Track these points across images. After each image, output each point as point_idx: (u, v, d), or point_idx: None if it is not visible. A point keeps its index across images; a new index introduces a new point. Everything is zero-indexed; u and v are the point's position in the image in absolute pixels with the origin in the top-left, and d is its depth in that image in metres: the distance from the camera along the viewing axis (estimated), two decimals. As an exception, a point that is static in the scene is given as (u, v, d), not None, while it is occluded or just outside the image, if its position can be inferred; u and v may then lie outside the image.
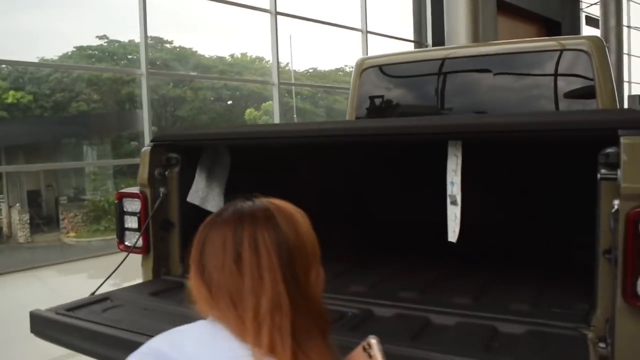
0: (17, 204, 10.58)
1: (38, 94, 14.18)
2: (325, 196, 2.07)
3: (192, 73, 14.76)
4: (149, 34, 14.72)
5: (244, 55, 15.74)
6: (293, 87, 12.62)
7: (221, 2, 7.40)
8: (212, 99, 15.08)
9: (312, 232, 0.99)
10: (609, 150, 1.30)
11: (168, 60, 14.71)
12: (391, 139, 1.66)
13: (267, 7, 7.43)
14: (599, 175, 1.30)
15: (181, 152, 2.08)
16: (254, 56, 15.26)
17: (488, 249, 2.10)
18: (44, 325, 1.63)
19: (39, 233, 10.39)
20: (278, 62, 7.60)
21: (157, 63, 15.02)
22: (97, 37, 15.00)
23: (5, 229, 10.26)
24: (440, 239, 1.64)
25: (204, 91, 14.47)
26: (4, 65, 14.52)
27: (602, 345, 1.31)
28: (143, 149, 2.08)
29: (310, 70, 14.93)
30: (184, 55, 14.70)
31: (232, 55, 16.05)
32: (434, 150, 1.66)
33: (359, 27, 9.03)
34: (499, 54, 2.88)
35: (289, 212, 0.99)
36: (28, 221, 10.38)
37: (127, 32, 15.43)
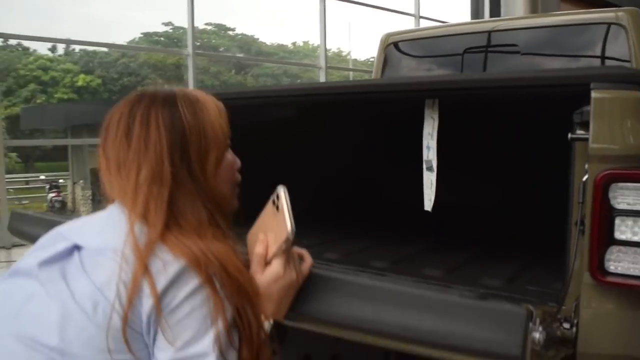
0: (81, 181, 11.10)
1: (106, 78, 14.83)
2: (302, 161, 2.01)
3: (238, 55, 14.88)
4: (212, 21, 15.05)
5: (305, 43, 15.81)
6: (351, 73, 12.51)
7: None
8: (275, 82, 15.26)
9: (219, 121, 0.99)
10: (585, 108, 1.16)
11: (230, 46, 15.01)
12: (364, 97, 1.58)
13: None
14: (569, 136, 1.16)
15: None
16: (315, 44, 15.28)
17: (478, 226, 1.96)
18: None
19: (99, 209, 10.85)
20: (325, 46, 7.55)
21: (220, 49, 15.34)
22: (163, 23, 15.42)
23: (69, 204, 10.79)
24: (427, 215, 1.53)
25: (264, 78, 14.65)
26: (76, 50, 15.27)
27: (566, 325, 1.18)
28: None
29: (372, 60, 14.81)
30: (246, 42, 14.94)
31: (294, 43, 16.14)
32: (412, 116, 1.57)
33: (412, 11, 8.83)
34: (525, 27, 2.70)
35: (195, 96, 0.99)
36: (90, 197, 10.87)
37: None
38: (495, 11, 8.04)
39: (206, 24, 15.47)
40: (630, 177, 1.10)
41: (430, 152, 1.56)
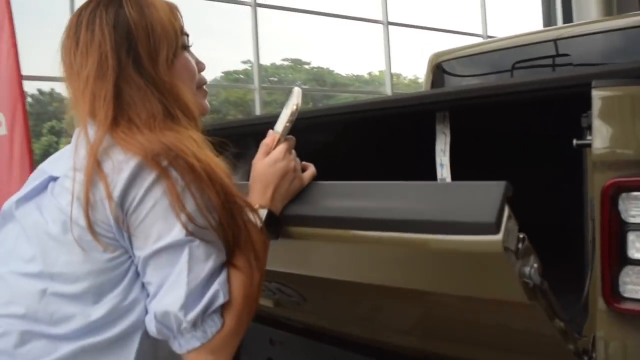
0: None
1: (190, 116, 15.54)
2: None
3: (304, 86, 15.18)
4: (288, 56, 15.41)
5: (381, 72, 15.77)
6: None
7: (338, 17, 7.49)
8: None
9: (169, 17, 0.99)
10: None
11: (306, 80, 15.24)
12: (371, 114, 1.50)
13: (380, 18, 7.37)
14: (574, 142, 1.02)
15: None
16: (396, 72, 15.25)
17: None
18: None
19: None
20: (391, 74, 7.48)
21: (297, 83, 15.65)
22: (242, 62, 16.02)
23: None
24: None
25: (340, 109, 14.75)
26: (163, 91, 16.14)
27: (585, 360, 1.02)
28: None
29: (447, 85, 14.53)
30: (321, 75, 15.11)
31: (369, 73, 16.16)
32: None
33: (480, 32, 8.59)
34: (580, 35, 2.49)
35: None
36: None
37: (270, 56, 16.27)
38: (567, 17, 7.65)
39: (283, 59, 15.88)
40: (644, 186, 0.95)
41: (443, 169, 1.45)
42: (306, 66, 16.53)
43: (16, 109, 4.70)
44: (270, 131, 1.05)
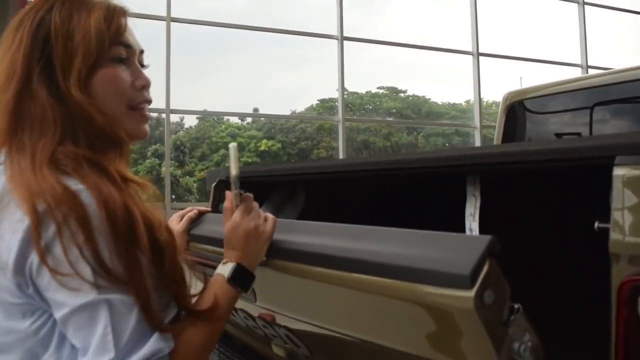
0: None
1: (286, 142, 15.87)
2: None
3: (388, 119, 14.97)
4: (385, 84, 15.40)
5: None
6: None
7: (424, 48, 7.37)
8: (446, 144, 14.97)
9: (101, 25, 0.86)
10: (617, 189, 0.87)
11: (401, 108, 15.12)
12: (390, 173, 1.41)
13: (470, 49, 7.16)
14: (596, 225, 0.88)
15: (247, 189, 2.05)
16: (490, 101, 14.78)
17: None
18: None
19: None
20: (480, 103, 7.18)
21: (393, 111, 15.57)
22: (336, 90, 16.21)
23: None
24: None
25: (435, 137, 14.42)
26: (262, 118, 16.66)
27: None
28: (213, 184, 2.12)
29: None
30: (416, 103, 14.94)
31: (467, 101, 15.78)
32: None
33: (579, 62, 8.05)
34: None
35: (81, 1, 0.87)
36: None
37: (364, 84, 16.32)
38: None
39: (378, 87, 15.88)
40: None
41: (472, 234, 1.33)
42: (402, 94, 16.45)
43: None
44: (227, 192, 1.04)
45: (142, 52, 0.96)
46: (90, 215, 0.74)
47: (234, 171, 1.02)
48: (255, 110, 17.02)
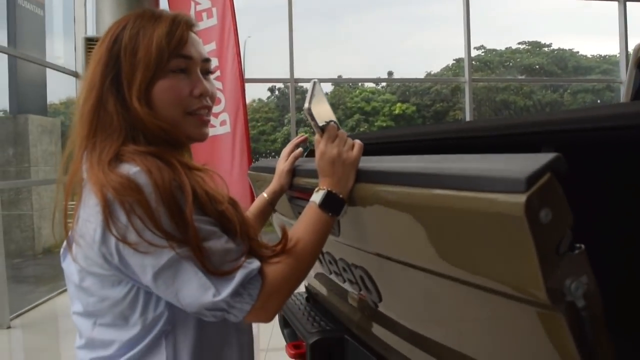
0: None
1: (420, 105, 15.56)
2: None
3: (519, 77, 13.85)
4: (527, 39, 14.38)
5: (639, 50, 13.77)
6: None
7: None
8: (598, 101, 13.72)
9: (162, 40, 0.96)
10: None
11: (544, 64, 14.06)
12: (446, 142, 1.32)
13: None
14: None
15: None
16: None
17: None
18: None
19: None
20: (627, 55, 6.38)
21: (535, 67, 14.54)
22: (475, 48, 15.45)
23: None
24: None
25: (583, 94, 13.27)
26: (397, 84, 16.46)
27: None
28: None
29: None
30: (562, 58, 13.80)
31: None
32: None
33: None
34: None
35: (154, 16, 0.99)
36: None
37: (505, 39, 15.38)
38: None
39: (519, 43, 14.89)
40: None
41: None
42: (545, 49, 15.26)
43: (238, 111, 5.31)
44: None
45: (206, 60, 1.03)
46: (145, 194, 0.86)
47: (306, 104, 1.07)
48: (390, 73, 16.85)
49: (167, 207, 0.86)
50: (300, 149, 1.43)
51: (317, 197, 1.05)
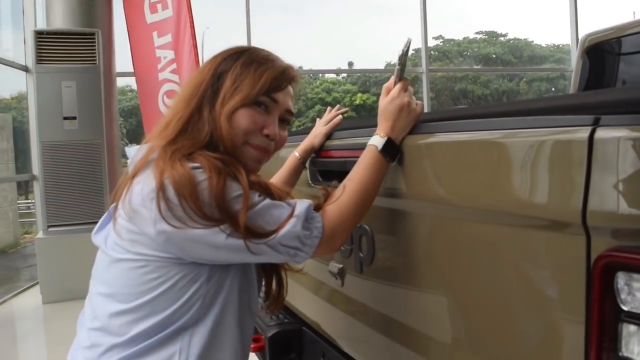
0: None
1: (378, 96, 15.71)
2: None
3: (475, 67, 14.17)
4: (484, 29, 14.59)
5: (590, 40, 14.17)
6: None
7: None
8: (552, 89, 14.05)
9: (265, 81, 1.10)
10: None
11: (501, 53, 14.32)
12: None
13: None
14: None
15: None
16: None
17: None
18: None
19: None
20: (577, 45, 6.54)
21: (492, 56, 14.79)
22: (433, 37, 15.56)
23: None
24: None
25: (538, 82, 13.58)
26: (357, 74, 16.50)
27: None
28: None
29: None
30: (517, 47, 14.07)
31: (577, 42, 14.62)
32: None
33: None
34: None
35: (264, 57, 1.14)
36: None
37: (463, 29, 15.57)
38: None
39: (476, 32, 15.10)
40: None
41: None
42: (502, 38, 15.52)
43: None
44: (391, 79, 1.19)
45: (289, 112, 1.18)
46: (198, 189, 0.96)
47: (401, 52, 1.15)
48: (350, 64, 16.86)
49: (216, 202, 0.97)
50: (340, 117, 1.51)
51: (378, 141, 1.11)
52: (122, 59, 5.70)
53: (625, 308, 0.71)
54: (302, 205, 1.05)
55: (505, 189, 0.87)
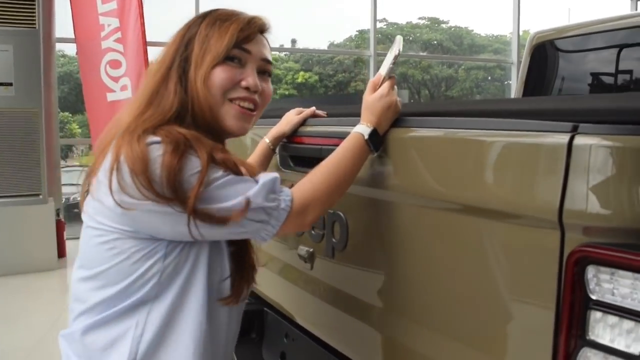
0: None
1: (323, 75, 15.67)
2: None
3: (421, 53, 14.49)
4: (426, 14, 14.83)
5: (525, 32, 14.69)
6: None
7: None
8: (488, 78, 14.52)
9: (232, 34, 1.09)
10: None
11: (442, 40, 14.63)
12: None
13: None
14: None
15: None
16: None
17: None
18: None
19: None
20: (519, 38, 6.87)
21: (434, 43, 15.09)
22: (378, 20, 15.64)
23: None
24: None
25: (476, 71, 14.00)
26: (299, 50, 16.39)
27: None
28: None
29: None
30: (458, 35, 14.42)
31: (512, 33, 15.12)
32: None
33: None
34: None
35: (226, 16, 1.12)
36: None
37: (406, 14, 15.76)
38: None
39: (420, 17, 15.30)
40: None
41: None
42: (444, 25, 15.85)
43: (141, 75, 5.08)
44: (377, 73, 1.22)
45: (266, 60, 1.15)
46: (150, 162, 0.96)
47: (397, 51, 1.21)
48: (294, 41, 16.74)
49: (167, 179, 0.96)
50: (313, 108, 1.52)
51: (365, 130, 1.14)
52: (62, 24, 5.44)
53: (593, 297, 0.80)
54: (266, 176, 1.04)
55: (487, 186, 0.94)
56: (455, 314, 1.03)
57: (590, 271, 0.80)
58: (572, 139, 0.82)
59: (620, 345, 0.77)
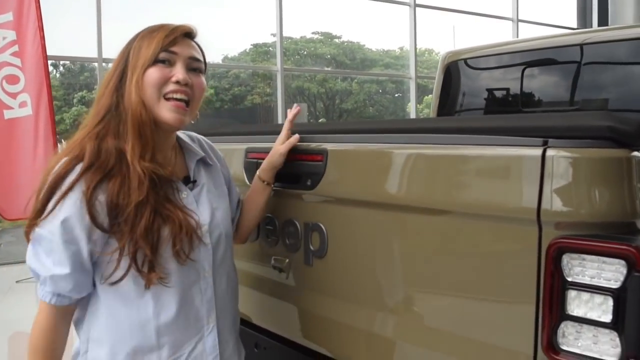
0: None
1: (219, 88, 15.56)
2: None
3: (326, 68, 15.01)
4: (320, 30, 15.23)
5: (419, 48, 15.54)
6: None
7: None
8: (380, 91, 15.18)
9: (157, 42, 1.21)
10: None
11: (335, 54, 15.12)
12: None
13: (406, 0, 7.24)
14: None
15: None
16: (423, 49, 14.92)
17: None
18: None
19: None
20: (416, 55, 7.37)
21: (327, 57, 15.54)
22: (271, 34, 15.86)
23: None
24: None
25: (369, 84, 14.60)
26: (194, 62, 16.15)
27: None
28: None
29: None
30: (351, 49, 14.98)
31: (401, 48, 15.94)
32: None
33: (510, 15, 8.35)
34: (597, 42, 2.41)
35: (156, 29, 1.25)
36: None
37: (299, 29, 16.07)
38: (603, 12, 7.36)
39: (313, 32, 15.68)
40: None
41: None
42: (337, 40, 16.39)
43: (42, 91, 4.84)
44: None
45: (194, 59, 1.26)
46: (53, 181, 1.16)
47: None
48: (187, 54, 16.46)
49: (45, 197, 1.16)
50: (297, 136, 1.51)
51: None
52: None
53: (569, 279, 0.98)
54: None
55: (473, 192, 1.11)
56: (447, 305, 1.19)
57: (565, 258, 0.98)
58: (544, 151, 1.00)
59: (592, 316, 0.96)
